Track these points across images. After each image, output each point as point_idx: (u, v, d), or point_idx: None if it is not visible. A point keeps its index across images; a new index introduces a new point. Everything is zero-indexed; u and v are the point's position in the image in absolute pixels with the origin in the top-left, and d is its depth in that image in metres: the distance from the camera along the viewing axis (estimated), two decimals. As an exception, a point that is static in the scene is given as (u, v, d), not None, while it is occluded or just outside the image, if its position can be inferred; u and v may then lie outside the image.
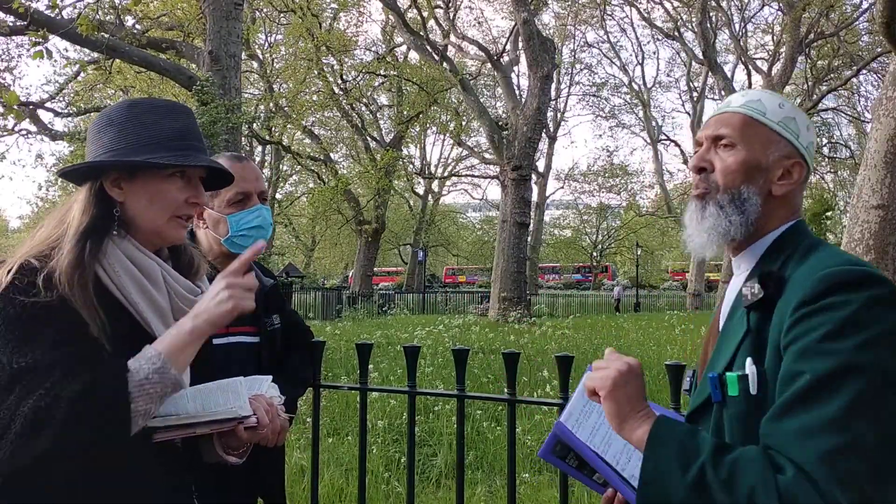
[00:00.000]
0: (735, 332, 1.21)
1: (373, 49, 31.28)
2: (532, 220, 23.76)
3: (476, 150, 31.33)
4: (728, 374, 1.18)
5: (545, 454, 1.32)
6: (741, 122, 1.29)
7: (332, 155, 31.08)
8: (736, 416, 1.16)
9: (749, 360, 1.15)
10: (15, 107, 7.61)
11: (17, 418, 1.12)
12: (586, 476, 1.34)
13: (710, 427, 1.22)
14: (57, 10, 8.54)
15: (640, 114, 40.03)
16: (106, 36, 11.23)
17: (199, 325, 1.29)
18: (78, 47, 13.88)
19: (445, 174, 41.91)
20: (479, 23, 55.99)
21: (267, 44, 28.40)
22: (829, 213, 20.59)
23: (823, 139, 34.92)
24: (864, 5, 23.69)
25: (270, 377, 1.64)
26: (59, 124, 24.68)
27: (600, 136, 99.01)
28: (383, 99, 33.83)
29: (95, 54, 14.95)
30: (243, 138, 18.18)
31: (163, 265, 1.42)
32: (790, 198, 1.29)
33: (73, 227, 1.33)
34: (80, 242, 1.30)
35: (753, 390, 1.13)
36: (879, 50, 21.05)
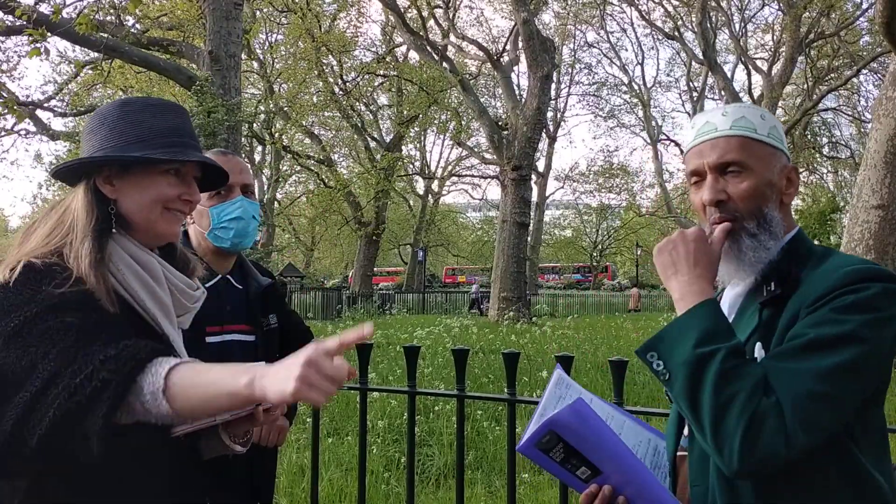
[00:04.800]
0: (745, 327, 1.26)
1: (373, 49, 31.29)
2: (532, 220, 23.76)
3: (476, 150, 31.33)
4: None
5: (527, 448, 1.27)
6: (740, 145, 1.27)
7: (332, 155, 31.08)
8: None
9: (759, 346, 1.20)
10: (15, 107, 7.63)
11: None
12: (569, 471, 1.30)
13: None
14: (58, 14, 8.53)
15: (640, 114, 40.01)
16: (105, 36, 11.24)
17: (249, 391, 1.08)
18: (79, 47, 13.88)
19: (445, 174, 41.90)
20: (479, 23, 56.05)
21: (267, 44, 28.40)
22: (833, 215, 20.57)
23: (823, 139, 34.93)
24: (865, 5, 23.70)
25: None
26: (59, 124, 24.69)
27: (599, 136, 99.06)
28: (383, 99, 33.85)
29: (95, 54, 14.95)
30: (243, 138, 18.17)
31: (162, 262, 1.42)
32: (790, 203, 1.34)
33: (79, 227, 1.31)
34: (97, 242, 1.29)
35: None
36: (879, 50, 21.04)
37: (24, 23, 9.56)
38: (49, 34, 8.53)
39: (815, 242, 1.34)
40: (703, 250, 1.26)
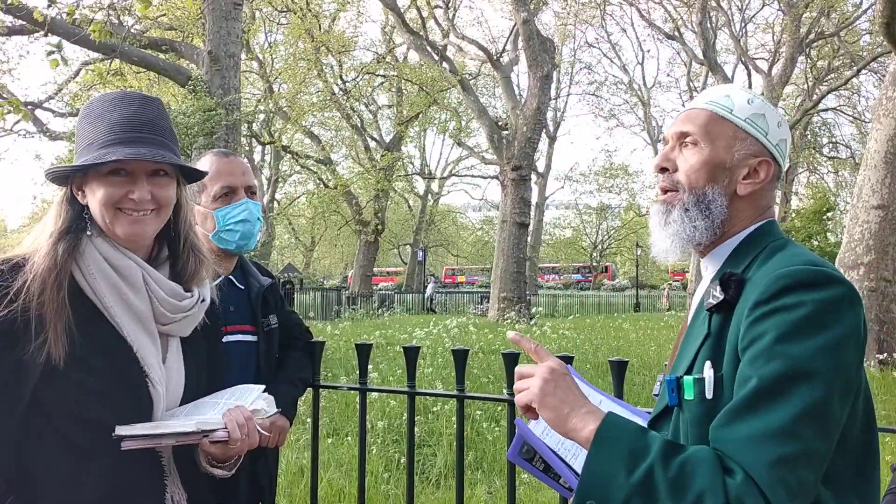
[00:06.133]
0: (696, 336, 1.18)
1: (372, 49, 31.29)
2: (532, 220, 23.73)
3: (476, 150, 31.30)
4: (685, 377, 1.14)
5: (513, 456, 1.26)
6: (706, 118, 1.24)
7: (331, 155, 31.08)
8: (692, 420, 1.12)
9: (707, 364, 1.12)
10: (21, 107, 7.65)
11: None
12: (553, 479, 1.28)
13: (669, 432, 1.19)
14: (72, 19, 8.53)
15: (641, 114, 40.02)
16: (115, 39, 11.24)
17: None
18: (77, 46, 13.86)
19: (445, 174, 41.91)
20: (478, 23, 56.02)
21: (267, 44, 28.40)
22: (829, 214, 20.55)
23: (823, 139, 34.93)
24: (865, 5, 23.70)
25: (263, 387, 1.58)
26: (59, 125, 24.68)
27: (600, 137, 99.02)
28: (383, 99, 33.86)
29: (94, 54, 14.95)
30: (242, 138, 18.17)
31: (144, 267, 1.39)
32: (757, 197, 1.24)
33: (47, 231, 1.34)
34: (55, 245, 1.31)
35: (709, 394, 1.10)
36: (879, 50, 21.03)
37: (43, 32, 9.57)
38: (59, 40, 8.54)
39: (815, 243, 1.30)
40: (569, 381, 1.17)
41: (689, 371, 1.16)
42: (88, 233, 1.35)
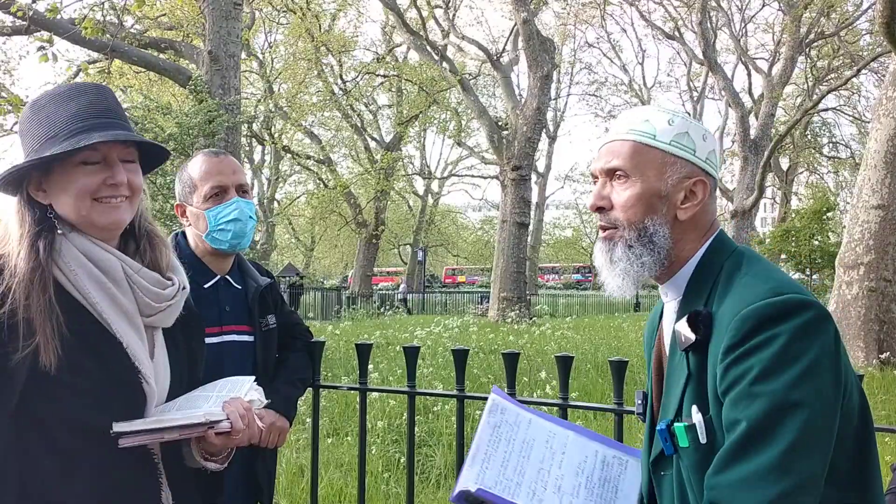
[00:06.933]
0: (678, 376, 1.17)
1: (372, 49, 31.29)
2: (532, 220, 23.74)
3: (476, 150, 31.32)
4: (676, 425, 1.13)
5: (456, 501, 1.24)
6: (631, 150, 1.21)
7: (331, 155, 31.08)
8: (691, 466, 1.12)
9: (695, 408, 1.11)
10: (21, 105, 7.69)
11: None
12: None
13: (673, 476, 1.18)
14: (58, 14, 8.53)
15: (640, 114, 39.94)
16: (107, 37, 11.23)
17: None
18: (78, 47, 13.88)
19: (445, 174, 41.89)
20: (478, 23, 56.02)
21: (267, 44, 28.40)
22: (829, 214, 20.54)
23: (823, 139, 34.91)
24: (865, 5, 23.70)
25: (253, 378, 1.56)
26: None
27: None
28: (383, 99, 33.85)
29: (94, 54, 14.94)
30: (243, 138, 18.17)
31: (124, 259, 1.36)
32: (699, 218, 1.22)
33: (13, 239, 1.28)
34: (32, 245, 1.26)
35: (703, 439, 1.09)
36: (879, 50, 21.01)
37: (25, 23, 9.56)
38: (51, 35, 8.54)
39: (816, 243, 1.29)
40: None
41: (678, 414, 1.15)
42: (59, 231, 1.31)
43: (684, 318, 1.14)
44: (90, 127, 1.29)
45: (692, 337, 1.11)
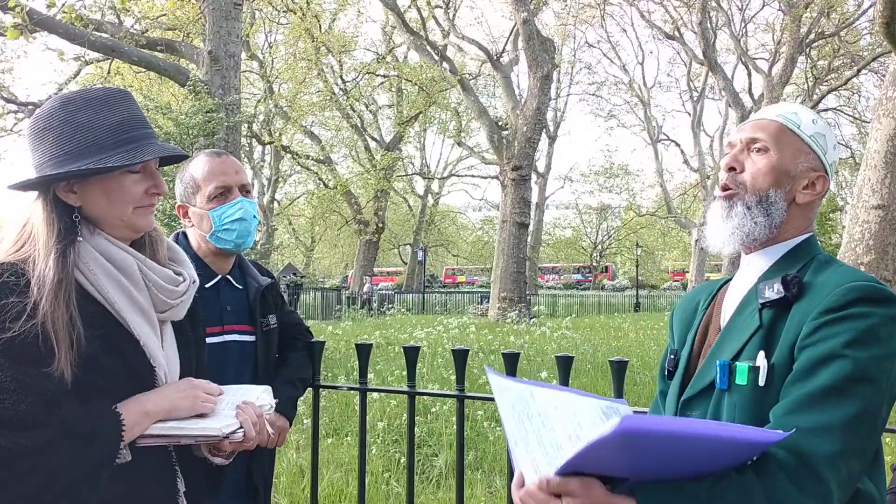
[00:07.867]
0: (745, 326, 1.27)
1: (372, 49, 31.30)
2: (532, 220, 23.75)
3: (476, 150, 31.32)
4: (737, 363, 1.23)
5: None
6: (777, 129, 1.34)
7: (331, 155, 31.09)
8: (740, 403, 1.21)
9: (761, 354, 1.21)
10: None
11: None
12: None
13: (707, 411, 1.27)
14: (54, 8, 8.53)
15: (641, 114, 40.00)
16: (105, 36, 11.23)
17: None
18: (78, 47, 13.87)
19: (445, 174, 41.91)
20: (479, 23, 56.03)
21: (267, 44, 28.40)
22: (832, 215, 20.57)
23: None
24: (865, 5, 23.69)
25: (263, 387, 1.61)
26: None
27: (600, 137, 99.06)
28: (383, 99, 33.87)
29: (94, 54, 14.94)
30: (243, 138, 18.17)
31: (139, 257, 1.39)
32: (810, 208, 1.36)
33: (41, 244, 1.28)
34: (62, 254, 1.27)
35: (762, 382, 1.18)
36: (879, 50, 21.03)
37: (16, 18, 9.56)
38: (39, 30, 8.54)
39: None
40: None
41: (735, 357, 1.24)
42: (80, 238, 1.33)
43: (777, 279, 1.25)
44: (138, 138, 1.35)
45: (781, 294, 1.22)
